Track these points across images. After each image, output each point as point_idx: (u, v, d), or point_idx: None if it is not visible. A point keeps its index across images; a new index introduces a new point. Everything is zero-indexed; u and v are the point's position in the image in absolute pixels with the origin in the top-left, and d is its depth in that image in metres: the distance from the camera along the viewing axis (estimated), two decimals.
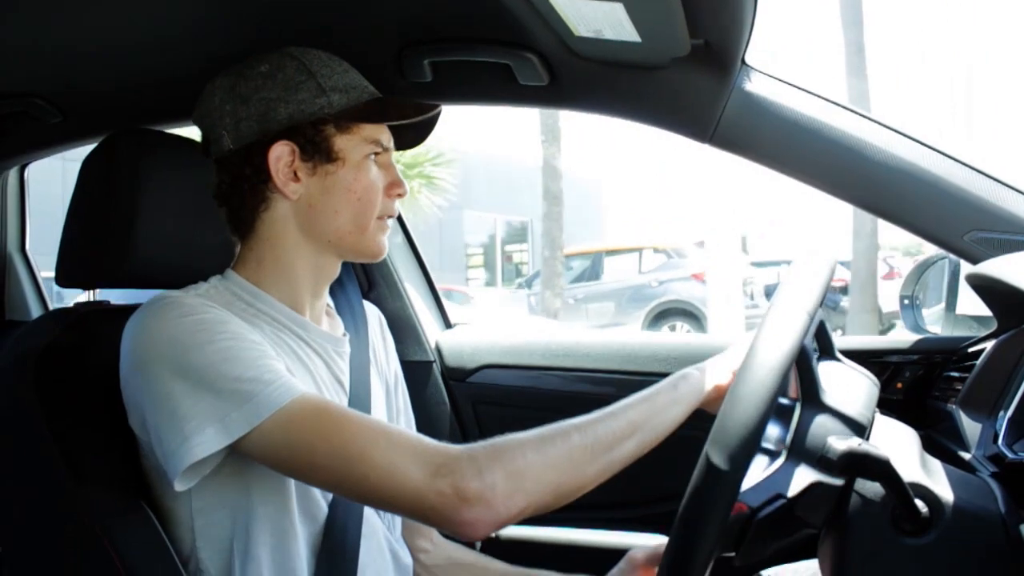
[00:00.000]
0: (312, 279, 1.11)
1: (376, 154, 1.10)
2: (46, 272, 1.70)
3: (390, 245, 1.82)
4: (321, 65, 1.09)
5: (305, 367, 1.07)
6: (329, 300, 1.21)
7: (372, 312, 1.32)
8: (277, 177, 1.06)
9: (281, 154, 1.06)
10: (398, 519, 1.21)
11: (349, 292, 1.28)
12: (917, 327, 1.68)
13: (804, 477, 0.84)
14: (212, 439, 0.91)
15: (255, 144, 1.06)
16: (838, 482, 0.84)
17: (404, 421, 1.30)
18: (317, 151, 1.07)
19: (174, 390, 0.93)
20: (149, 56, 1.31)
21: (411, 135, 1.20)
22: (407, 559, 1.19)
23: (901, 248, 18.38)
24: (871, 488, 0.84)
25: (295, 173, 1.07)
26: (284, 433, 0.92)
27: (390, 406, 1.27)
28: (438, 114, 1.16)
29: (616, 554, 1.23)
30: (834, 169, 1.25)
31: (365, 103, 1.09)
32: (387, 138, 1.12)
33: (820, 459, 0.83)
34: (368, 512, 1.10)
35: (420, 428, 1.31)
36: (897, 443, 0.89)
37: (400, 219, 1.89)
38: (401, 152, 1.21)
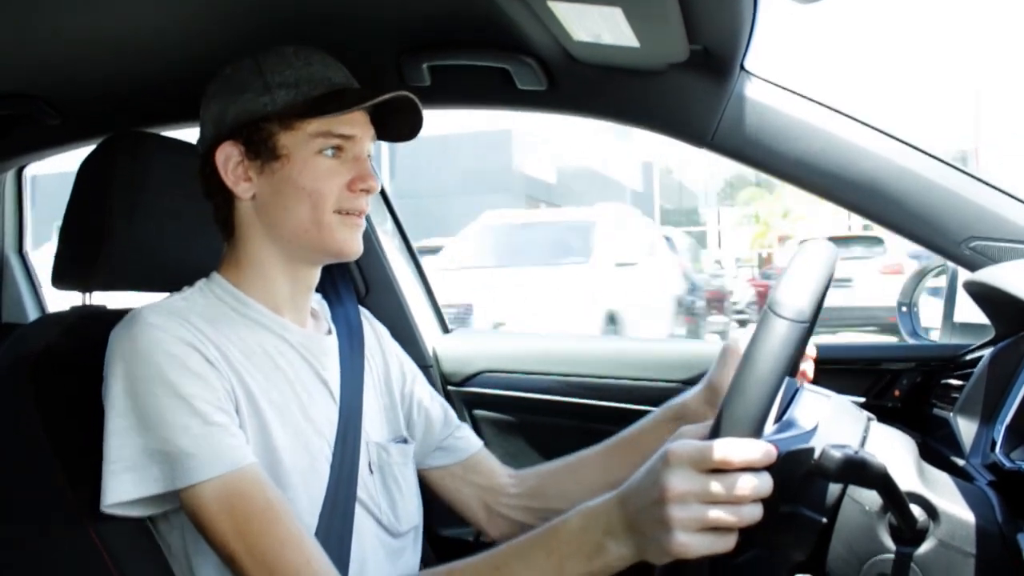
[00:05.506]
0: (288, 280, 1.10)
1: (337, 148, 1.07)
2: None
3: (387, 250, 1.84)
4: (276, 63, 1.07)
5: (283, 373, 1.07)
6: (315, 300, 1.20)
7: (369, 319, 1.29)
8: (227, 178, 1.07)
9: (229, 155, 1.06)
10: (404, 537, 1.16)
11: (344, 297, 1.27)
12: (915, 334, 1.68)
13: None
14: (128, 487, 0.94)
15: (212, 146, 1.07)
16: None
17: (439, 412, 1.27)
18: (262, 150, 1.06)
19: (114, 426, 0.95)
20: (148, 58, 1.31)
21: (406, 128, 1.14)
22: None
23: None
24: (867, 496, 0.84)
25: (247, 173, 1.07)
26: (194, 508, 0.94)
27: (394, 414, 1.23)
28: (408, 100, 1.09)
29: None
30: (832, 175, 1.25)
31: (313, 98, 1.06)
32: (349, 129, 1.07)
33: (816, 467, 0.82)
34: (358, 527, 1.07)
35: None
36: (894, 451, 0.88)
37: (397, 223, 1.88)
38: None
